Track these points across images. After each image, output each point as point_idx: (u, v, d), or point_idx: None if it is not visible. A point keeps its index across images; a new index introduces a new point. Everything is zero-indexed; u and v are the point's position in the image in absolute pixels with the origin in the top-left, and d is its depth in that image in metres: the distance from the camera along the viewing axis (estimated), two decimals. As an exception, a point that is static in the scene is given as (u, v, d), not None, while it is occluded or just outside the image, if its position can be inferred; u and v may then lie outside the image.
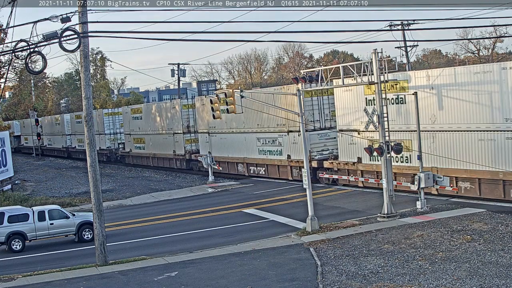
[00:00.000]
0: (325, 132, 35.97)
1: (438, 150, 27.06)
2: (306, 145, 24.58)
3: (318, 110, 36.16)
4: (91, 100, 21.05)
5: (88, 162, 20.95)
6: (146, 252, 22.31)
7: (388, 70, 26.36)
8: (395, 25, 52.03)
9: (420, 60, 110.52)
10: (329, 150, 35.61)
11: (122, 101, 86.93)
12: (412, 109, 27.30)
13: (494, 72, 24.64)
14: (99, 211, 20.80)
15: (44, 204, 32.77)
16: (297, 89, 26.00)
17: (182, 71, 70.47)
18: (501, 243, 18.84)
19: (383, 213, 24.33)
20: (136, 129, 58.13)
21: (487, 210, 24.04)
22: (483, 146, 25.44)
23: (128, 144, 60.58)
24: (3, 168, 40.81)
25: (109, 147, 64.40)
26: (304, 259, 19.16)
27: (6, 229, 24.44)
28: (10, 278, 19.48)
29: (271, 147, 38.89)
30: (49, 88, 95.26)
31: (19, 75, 61.29)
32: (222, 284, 17.04)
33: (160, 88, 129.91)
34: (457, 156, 26.28)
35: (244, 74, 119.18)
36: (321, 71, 28.32)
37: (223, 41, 35.46)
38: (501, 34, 64.67)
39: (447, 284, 15.35)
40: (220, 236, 24.56)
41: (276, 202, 31.21)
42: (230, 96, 25.05)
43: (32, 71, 21.38)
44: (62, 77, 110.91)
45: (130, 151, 59.90)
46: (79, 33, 18.96)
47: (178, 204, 34.54)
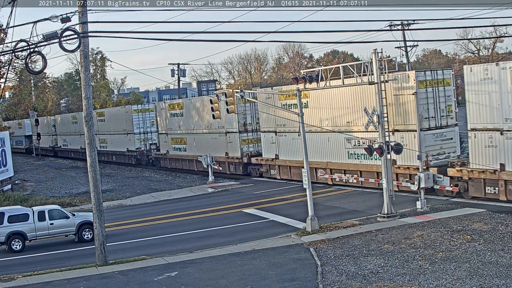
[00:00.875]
0: (442, 132, 29.46)
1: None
2: (305, 145, 24.56)
3: (433, 105, 29.05)
4: (91, 100, 21.03)
5: (88, 162, 20.93)
6: (146, 252, 22.31)
7: (388, 70, 26.36)
8: (395, 25, 52.05)
9: (420, 60, 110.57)
10: (446, 154, 29.19)
11: (122, 101, 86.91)
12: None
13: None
14: (99, 211, 20.80)
15: (44, 204, 32.76)
16: (297, 89, 25.96)
17: (182, 71, 70.50)
18: (501, 243, 18.84)
19: (383, 213, 24.33)
20: (175, 128, 51.24)
21: (487, 210, 24.04)
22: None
23: (164, 145, 53.49)
24: (3, 168, 40.79)
25: (138, 148, 57.42)
26: (304, 259, 19.16)
27: (6, 229, 24.44)
28: (10, 278, 19.48)
29: None
30: (49, 88, 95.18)
31: (19, 75, 61.26)
32: (222, 284, 17.04)
33: (160, 88, 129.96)
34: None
35: (244, 74, 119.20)
36: (321, 71, 28.34)
37: (223, 41, 35.32)
38: (501, 34, 64.73)
39: (447, 284, 15.35)
40: (220, 236, 24.56)
41: (276, 202, 31.20)
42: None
43: (32, 71, 21.36)
44: (62, 77, 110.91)
45: (166, 153, 52.79)
46: (79, 33, 18.96)
47: (178, 204, 34.53)
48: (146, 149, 57.24)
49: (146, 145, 57.44)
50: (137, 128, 57.25)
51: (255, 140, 42.49)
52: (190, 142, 49.04)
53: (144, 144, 57.41)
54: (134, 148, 57.41)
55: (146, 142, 57.42)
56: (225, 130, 43.76)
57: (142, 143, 57.38)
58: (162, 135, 54.00)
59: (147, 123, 57.68)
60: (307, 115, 31.42)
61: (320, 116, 34.10)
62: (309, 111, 33.95)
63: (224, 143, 44.09)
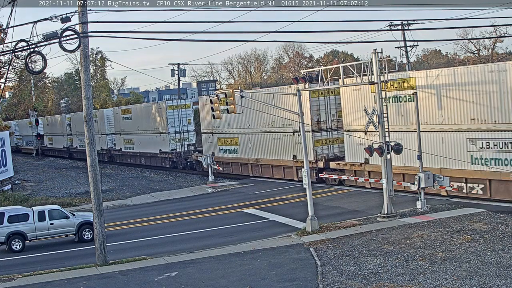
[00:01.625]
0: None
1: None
2: (305, 145, 24.57)
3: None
4: (91, 100, 21.03)
5: (88, 162, 20.93)
6: (146, 252, 22.30)
7: (388, 70, 26.35)
8: (395, 25, 52.03)
9: (420, 60, 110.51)
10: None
11: (122, 101, 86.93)
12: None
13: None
14: (99, 211, 20.79)
15: (44, 204, 32.76)
16: (297, 89, 25.97)
17: (182, 71, 70.46)
18: (501, 243, 18.84)
19: (383, 213, 24.33)
20: (223, 126, 44.21)
21: (487, 210, 24.04)
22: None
23: (208, 146, 46.26)
24: (3, 168, 40.80)
25: (174, 149, 51.13)
26: (304, 259, 19.16)
27: (6, 229, 24.44)
28: (10, 278, 19.48)
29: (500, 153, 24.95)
30: (49, 88, 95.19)
31: (19, 75, 61.24)
32: (222, 284, 17.04)
33: (160, 88, 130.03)
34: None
35: (244, 74, 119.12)
36: (321, 71, 28.33)
37: (223, 41, 35.30)
38: (501, 34, 64.65)
39: (447, 284, 15.35)
40: (220, 236, 24.55)
41: (276, 202, 31.20)
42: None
43: (32, 71, 21.37)
44: (62, 77, 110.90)
45: (212, 154, 44.38)
46: (79, 33, 18.96)
47: (178, 204, 34.53)
48: (184, 151, 51.03)
49: (183, 146, 51.27)
50: (172, 127, 51.07)
51: (330, 141, 36.09)
52: (244, 142, 42.18)
53: (180, 144, 51.29)
54: (168, 150, 51.43)
55: (183, 143, 51.27)
56: (292, 129, 36.64)
57: (178, 144, 51.31)
58: (206, 135, 46.80)
59: (183, 121, 51.54)
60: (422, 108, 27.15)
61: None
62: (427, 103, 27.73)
63: (291, 144, 37.28)
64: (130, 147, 58.74)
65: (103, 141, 63.72)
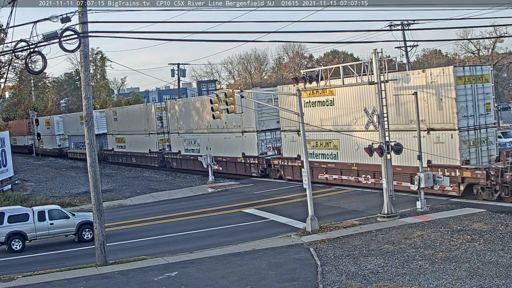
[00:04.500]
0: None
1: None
2: (305, 145, 24.56)
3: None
4: (91, 100, 21.03)
5: (88, 162, 20.93)
6: (146, 252, 22.30)
7: (388, 70, 26.36)
8: (395, 25, 51.98)
9: (420, 60, 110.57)
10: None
11: (122, 101, 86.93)
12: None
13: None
14: (99, 211, 20.80)
15: (44, 204, 32.77)
16: (296, 89, 25.97)
17: (182, 71, 70.47)
18: (501, 243, 18.85)
19: (383, 213, 24.33)
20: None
21: (487, 210, 24.05)
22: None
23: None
24: (3, 168, 40.80)
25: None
26: (304, 259, 19.16)
27: (6, 229, 24.44)
28: (10, 278, 19.48)
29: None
30: (49, 88, 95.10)
31: (19, 75, 61.17)
32: (222, 284, 17.04)
33: (160, 88, 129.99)
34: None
35: (244, 74, 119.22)
36: (321, 71, 28.33)
37: (223, 41, 35.30)
38: (501, 34, 64.63)
39: (447, 284, 15.35)
40: (220, 236, 24.56)
41: (276, 202, 31.20)
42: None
43: (32, 71, 21.36)
44: (62, 77, 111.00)
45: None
46: (79, 33, 18.96)
47: (178, 204, 34.53)
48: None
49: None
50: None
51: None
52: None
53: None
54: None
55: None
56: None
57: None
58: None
59: None
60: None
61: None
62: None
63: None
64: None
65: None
